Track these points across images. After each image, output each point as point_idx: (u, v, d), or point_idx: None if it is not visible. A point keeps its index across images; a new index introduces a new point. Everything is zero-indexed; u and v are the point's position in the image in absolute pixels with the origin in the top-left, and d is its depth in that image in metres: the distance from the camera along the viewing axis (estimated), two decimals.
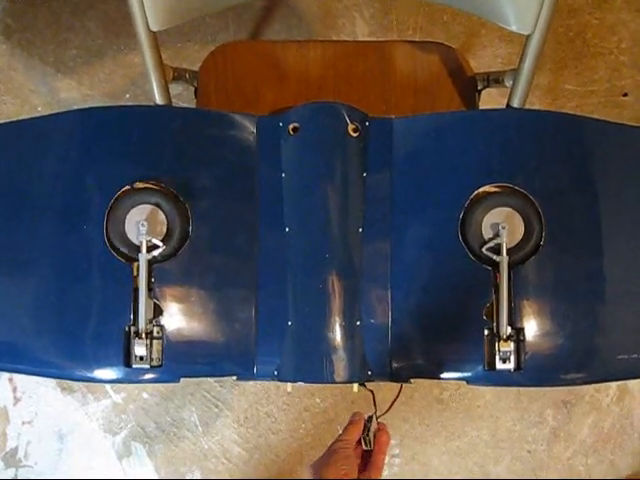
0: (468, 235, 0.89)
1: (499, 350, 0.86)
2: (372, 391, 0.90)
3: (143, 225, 0.86)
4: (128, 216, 0.89)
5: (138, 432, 1.65)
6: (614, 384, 1.65)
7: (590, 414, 1.65)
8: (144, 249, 0.86)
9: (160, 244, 0.88)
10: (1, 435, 1.67)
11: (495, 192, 0.91)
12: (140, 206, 0.90)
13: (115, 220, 0.89)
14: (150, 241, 0.87)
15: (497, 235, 0.87)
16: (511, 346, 0.86)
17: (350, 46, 1.22)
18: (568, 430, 1.65)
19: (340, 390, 1.64)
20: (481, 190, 0.90)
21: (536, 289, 0.89)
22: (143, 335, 0.86)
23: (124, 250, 0.89)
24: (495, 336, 0.86)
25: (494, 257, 0.87)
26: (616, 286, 0.90)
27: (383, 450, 0.83)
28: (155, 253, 0.88)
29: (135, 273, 0.89)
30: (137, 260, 0.87)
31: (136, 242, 0.88)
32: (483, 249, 0.88)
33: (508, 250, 0.87)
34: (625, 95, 1.70)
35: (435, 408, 1.65)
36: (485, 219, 0.89)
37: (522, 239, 0.89)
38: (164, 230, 0.90)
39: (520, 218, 0.89)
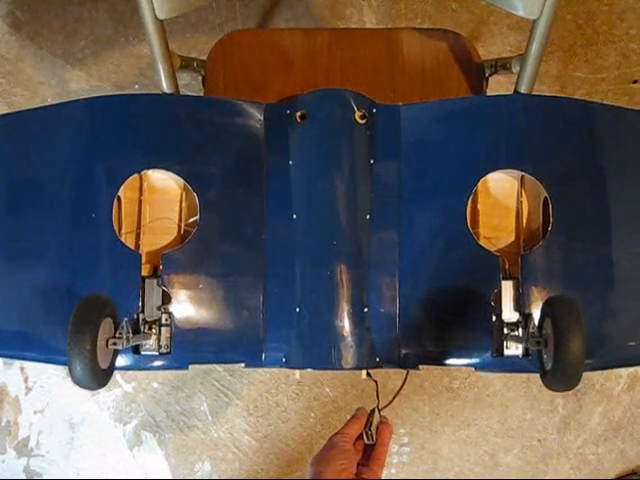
0: None
1: (507, 337, 0.86)
2: (376, 382, 0.90)
3: (115, 344, 0.76)
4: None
5: (148, 421, 1.67)
6: (624, 373, 1.65)
7: (600, 403, 1.65)
8: (123, 347, 0.78)
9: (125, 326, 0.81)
10: (13, 424, 1.68)
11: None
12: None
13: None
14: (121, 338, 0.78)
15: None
16: (519, 332, 0.86)
17: (357, 33, 1.22)
18: (578, 419, 1.65)
19: (350, 379, 1.64)
20: None
21: (544, 275, 0.88)
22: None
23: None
24: (503, 322, 0.86)
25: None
26: (625, 272, 0.89)
27: (385, 443, 0.83)
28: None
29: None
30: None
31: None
32: None
33: None
34: (635, 82, 1.68)
35: (445, 397, 1.65)
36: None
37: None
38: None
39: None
